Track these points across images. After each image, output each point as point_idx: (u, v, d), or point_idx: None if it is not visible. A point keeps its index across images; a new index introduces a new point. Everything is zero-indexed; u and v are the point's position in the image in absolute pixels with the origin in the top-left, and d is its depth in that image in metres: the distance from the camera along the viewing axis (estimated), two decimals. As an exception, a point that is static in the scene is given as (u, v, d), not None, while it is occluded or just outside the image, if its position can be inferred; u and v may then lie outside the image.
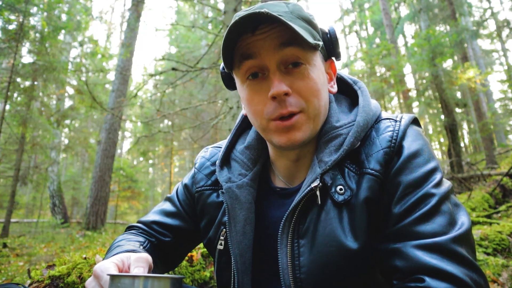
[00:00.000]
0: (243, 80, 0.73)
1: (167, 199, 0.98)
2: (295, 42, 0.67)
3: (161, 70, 7.02)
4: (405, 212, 0.63)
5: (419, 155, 0.67)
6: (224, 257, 0.80)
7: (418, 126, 0.75)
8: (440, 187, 0.64)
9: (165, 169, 23.37)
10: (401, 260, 0.59)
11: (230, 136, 0.90)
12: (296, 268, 0.68)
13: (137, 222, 0.95)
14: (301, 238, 0.69)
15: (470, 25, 13.48)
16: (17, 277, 3.69)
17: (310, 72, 0.70)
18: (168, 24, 18.86)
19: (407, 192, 0.64)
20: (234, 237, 0.76)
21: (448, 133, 8.47)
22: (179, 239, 0.91)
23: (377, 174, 0.67)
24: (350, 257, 0.65)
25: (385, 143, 0.69)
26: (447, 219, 0.60)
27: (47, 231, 9.08)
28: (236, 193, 0.78)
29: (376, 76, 14.59)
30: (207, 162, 0.93)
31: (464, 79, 8.44)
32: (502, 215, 3.94)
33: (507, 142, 16.75)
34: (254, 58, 0.69)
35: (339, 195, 0.68)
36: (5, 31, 6.70)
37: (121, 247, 0.75)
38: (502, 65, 21.65)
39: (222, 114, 4.53)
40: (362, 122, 0.72)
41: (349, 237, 0.65)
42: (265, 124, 0.72)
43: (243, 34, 0.68)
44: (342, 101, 0.83)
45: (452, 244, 0.57)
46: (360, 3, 21.67)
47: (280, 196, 0.80)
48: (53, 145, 11.09)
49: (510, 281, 1.92)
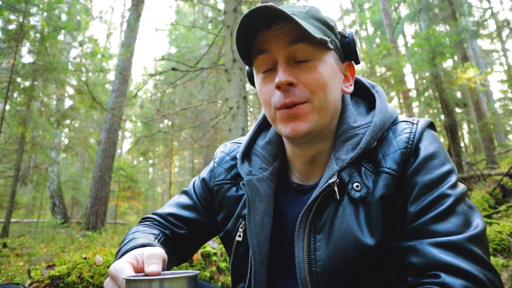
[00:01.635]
0: (257, 73, 0.78)
1: (183, 192, 1.00)
2: (304, 38, 0.70)
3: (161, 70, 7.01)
4: (421, 211, 0.64)
5: (436, 157, 0.69)
6: (241, 248, 0.81)
7: (434, 130, 0.77)
8: (456, 188, 0.66)
9: (165, 169, 23.38)
10: (416, 257, 0.60)
11: (251, 131, 0.93)
12: (312, 262, 0.69)
13: (152, 214, 0.96)
14: (318, 233, 0.71)
15: (470, 25, 13.48)
16: (17, 277, 3.68)
17: (319, 67, 0.72)
18: (168, 24, 18.89)
19: (423, 192, 0.65)
20: (253, 228, 0.78)
21: (448, 133, 8.47)
22: (194, 232, 0.92)
23: (393, 173, 0.69)
24: (366, 253, 0.66)
25: (402, 144, 0.71)
26: (462, 220, 0.62)
27: (47, 231, 9.08)
28: (257, 186, 0.80)
29: (376, 76, 14.58)
30: (227, 157, 0.94)
31: (464, 79, 8.44)
32: (502, 215, 3.94)
33: (507, 142, 16.75)
34: (266, 53, 0.73)
35: (355, 191, 0.70)
36: (5, 31, 6.70)
37: (135, 240, 0.76)
38: (502, 65, 21.66)
39: (222, 114, 4.53)
40: (379, 123, 0.74)
41: (365, 233, 0.67)
42: (273, 113, 0.75)
43: (259, 30, 0.73)
44: (360, 104, 0.86)
45: (467, 243, 0.58)
46: (360, 3, 21.66)
47: (297, 192, 0.82)
48: (53, 145, 11.09)
49: (510, 281, 1.92)
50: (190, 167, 22.76)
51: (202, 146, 10.75)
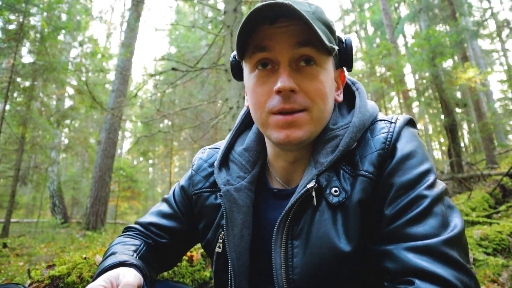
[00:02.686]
0: (251, 69, 0.72)
1: (164, 200, 0.98)
2: (311, 43, 0.67)
3: (161, 70, 7.02)
4: (397, 214, 0.62)
5: (412, 157, 0.67)
6: (222, 260, 0.80)
7: (413, 127, 0.75)
8: (433, 189, 0.64)
9: (165, 169, 23.37)
10: (392, 262, 0.59)
11: (229, 137, 0.89)
12: (290, 269, 0.68)
13: (135, 223, 0.95)
14: (295, 239, 0.69)
15: (470, 25, 13.48)
16: (17, 277, 3.68)
17: (320, 74, 0.69)
18: (168, 24, 18.88)
19: (399, 193, 0.64)
20: (232, 240, 0.76)
21: (448, 133, 8.46)
22: (176, 240, 0.91)
23: (370, 176, 0.67)
24: (343, 259, 0.65)
25: (379, 144, 0.69)
26: (440, 221, 0.60)
27: (47, 231, 9.08)
28: (234, 196, 0.77)
29: (376, 76, 14.59)
30: (204, 164, 0.92)
31: (464, 79, 8.43)
32: (502, 215, 3.94)
33: (507, 142, 16.75)
34: (267, 51, 0.68)
35: (333, 196, 0.68)
36: (5, 31, 6.70)
37: (114, 256, 0.75)
38: (502, 65, 21.65)
39: (222, 114, 4.53)
40: (358, 123, 0.72)
41: (342, 240, 0.65)
42: (265, 117, 0.71)
43: (261, 23, 0.67)
44: (341, 103, 0.82)
45: (443, 247, 0.57)
46: (360, 3, 21.65)
47: (277, 198, 0.80)
48: (53, 145, 11.08)
49: (510, 281, 1.91)
50: (190, 167, 22.70)
51: (202, 146, 10.75)
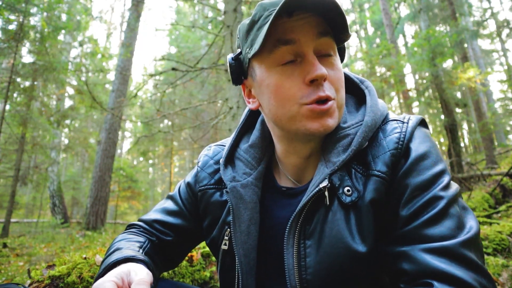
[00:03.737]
0: (272, 66, 0.70)
1: (169, 197, 0.97)
2: (329, 33, 0.69)
3: (161, 70, 7.02)
4: (413, 215, 0.62)
5: (427, 158, 0.66)
6: (228, 258, 0.79)
7: (425, 128, 0.74)
8: (448, 189, 0.63)
9: (165, 169, 23.38)
10: (409, 264, 0.58)
11: (234, 135, 0.89)
12: (302, 269, 0.67)
13: (138, 221, 0.94)
14: (308, 239, 0.68)
15: (470, 25, 13.48)
16: (17, 277, 3.68)
17: (338, 64, 0.72)
18: (168, 24, 18.89)
19: (414, 194, 0.63)
20: (239, 237, 0.75)
21: (448, 133, 8.46)
22: (181, 238, 0.90)
23: (383, 176, 0.66)
24: (357, 259, 0.64)
25: (392, 144, 0.68)
26: (456, 223, 0.59)
27: (47, 231, 9.08)
28: (241, 193, 0.77)
29: (376, 76, 14.59)
30: (210, 161, 0.91)
31: (464, 79, 8.43)
32: (502, 215, 3.94)
33: (507, 142, 16.74)
34: (292, 44, 0.67)
35: (346, 196, 0.67)
36: (5, 31, 6.70)
37: (120, 252, 0.74)
38: (502, 65, 21.65)
39: (222, 114, 4.53)
40: (370, 122, 0.71)
41: (356, 239, 0.65)
42: (296, 110, 0.68)
43: (279, 17, 0.66)
44: (348, 101, 0.82)
45: (461, 248, 0.56)
46: (360, 3, 21.65)
47: (286, 196, 0.79)
48: (53, 145, 11.09)
49: (510, 281, 1.92)
50: (190, 167, 22.76)
51: (202, 146, 10.75)
